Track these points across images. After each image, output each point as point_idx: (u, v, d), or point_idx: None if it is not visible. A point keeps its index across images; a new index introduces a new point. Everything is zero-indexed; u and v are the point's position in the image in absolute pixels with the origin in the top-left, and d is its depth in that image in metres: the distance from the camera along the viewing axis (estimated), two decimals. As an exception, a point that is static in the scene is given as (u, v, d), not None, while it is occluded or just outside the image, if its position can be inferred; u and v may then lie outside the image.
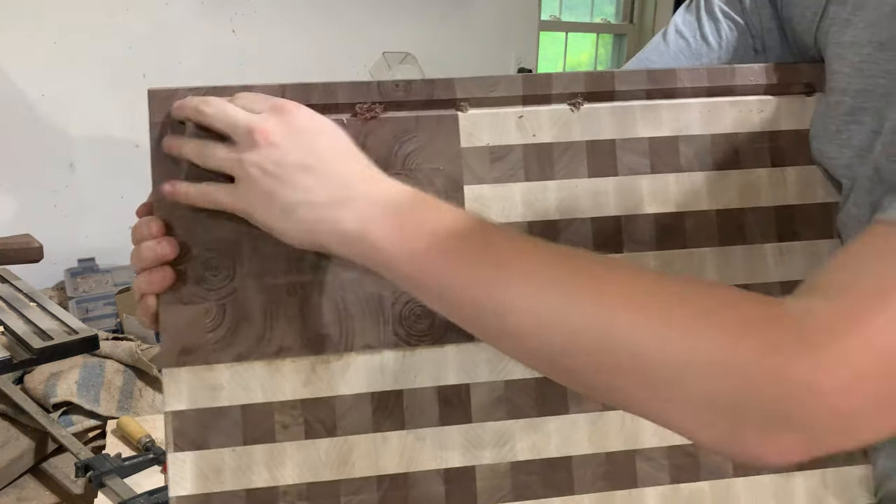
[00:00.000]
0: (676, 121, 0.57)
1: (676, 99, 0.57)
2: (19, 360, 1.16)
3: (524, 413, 0.55)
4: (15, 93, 1.64)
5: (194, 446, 0.52)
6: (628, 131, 0.57)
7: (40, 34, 1.66)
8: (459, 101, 0.55)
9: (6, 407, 1.27)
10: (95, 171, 1.76)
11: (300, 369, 0.53)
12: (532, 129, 0.56)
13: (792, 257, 0.57)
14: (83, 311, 1.57)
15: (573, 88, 0.56)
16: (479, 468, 0.54)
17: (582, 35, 3.12)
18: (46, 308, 1.29)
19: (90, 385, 1.31)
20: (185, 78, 1.81)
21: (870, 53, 0.50)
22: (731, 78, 0.57)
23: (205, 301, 0.52)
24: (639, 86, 0.57)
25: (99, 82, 1.74)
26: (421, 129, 0.55)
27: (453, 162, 0.55)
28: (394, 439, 0.54)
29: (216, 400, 0.52)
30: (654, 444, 0.56)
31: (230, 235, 0.53)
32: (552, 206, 0.56)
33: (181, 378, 0.52)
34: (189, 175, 0.52)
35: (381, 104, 0.54)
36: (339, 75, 2.32)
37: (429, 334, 0.54)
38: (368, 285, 0.54)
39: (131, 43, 1.78)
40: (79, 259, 1.70)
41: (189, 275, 0.52)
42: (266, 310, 0.53)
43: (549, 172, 0.56)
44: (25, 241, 1.27)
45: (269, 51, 1.99)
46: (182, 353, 0.52)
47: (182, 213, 0.52)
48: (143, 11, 1.78)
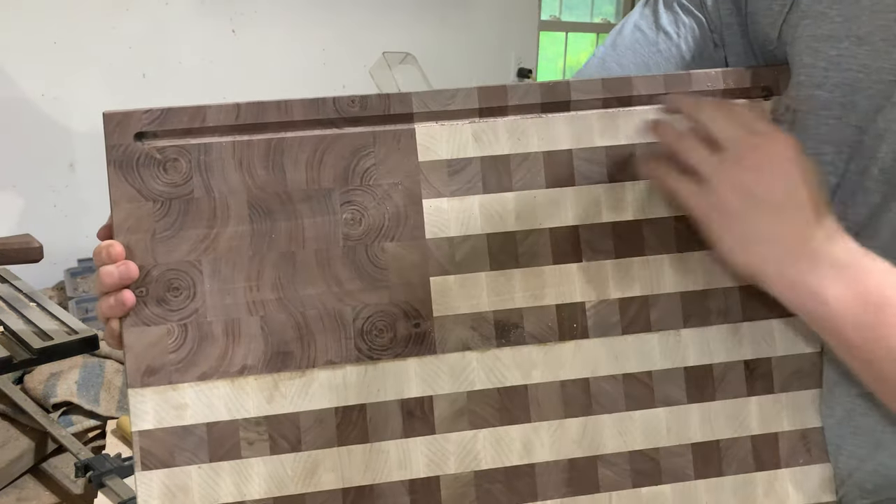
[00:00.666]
0: (633, 129, 0.57)
1: (633, 107, 0.57)
2: (19, 360, 1.17)
3: (487, 423, 0.56)
4: (15, 92, 1.65)
5: (162, 465, 0.53)
6: (585, 141, 0.57)
7: (40, 34, 1.66)
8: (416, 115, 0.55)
9: (6, 407, 1.29)
10: (95, 171, 1.75)
11: (263, 387, 0.54)
12: (489, 141, 0.56)
13: (752, 261, 0.57)
14: (83, 311, 1.59)
15: (529, 100, 0.56)
16: (444, 478, 0.55)
17: (582, 35, 3.12)
18: (46, 308, 1.31)
19: (90, 385, 1.33)
20: (186, 78, 1.82)
21: (847, 48, 0.50)
22: (687, 84, 0.57)
23: (166, 322, 0.53)
24: (594, 95, 0.57)
25: (99, 82, 1.75)
26: (378, 145, 0.55)
27: (411, 176, 0.55)
28: (358, 452, 0.55)
29: (182, 419, 0.53)
30: (614, 450, 0.56)
31: (190, 256, 0.54)
32: (511, 218, 0.56)
33: (147, 398, 0.53)
34: (147, 195, 0.53)
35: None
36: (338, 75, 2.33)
37: (390, 348, 0.55)
38: (329, 301, 0.54)
39: (131, 43, 1.79)
40: (79, 259, 1.72)
41: (150, 296, 0.53)
42: (227, 329, 0.54)
43: (506, 184, 0.56)
44: (25, 241, 1.28)
45: (269, 51, 1.99)
46: (146, 373, 0.53)
47: (141, 237, 0.53)
48: (142, 11, 1.79)
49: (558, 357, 0.56)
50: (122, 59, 1.77)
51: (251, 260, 0.54)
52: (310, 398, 0.54)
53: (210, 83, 1.90)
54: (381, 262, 0.55)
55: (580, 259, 0.56)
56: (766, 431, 0.57)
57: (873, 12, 0.50)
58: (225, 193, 0.54)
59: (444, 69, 2.13)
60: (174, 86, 1.84)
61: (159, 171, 0.54)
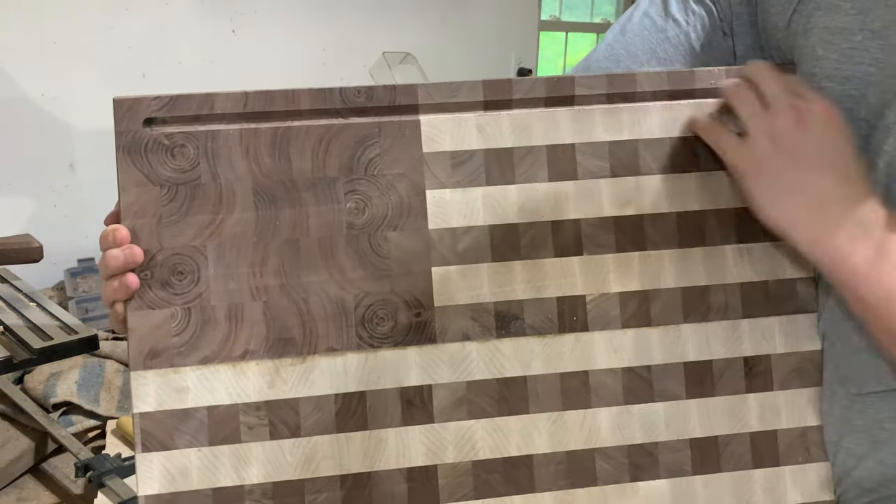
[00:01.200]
0: (636, 124, 0.58)
1: (637, 102, 0.58)
2: (19, 360, 1.18)
3: (486, 413, 0.56)
4: (15, 92, 1.66)
5: (162, 447, 0.53)
6: (588, 135, 0.57)
7: (40, 34, 1.68)
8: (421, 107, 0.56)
9: (6, 407, 1.29)
10: (95, 171, 1.78)
11: (265, 372, 0.54)
12: (493, 134, 0.57)
13: (752, 258, 0.58)
14: (83, 311, 1.60)
15: (534, 94, 0.57)
16: (442, 467, 0.55)
17: (582, 35, 3.13)
18: (46, 308, 1.31)
19: (90, 385, 1.33)
20: (185, 78, 1.83)
21: (861, 41, 0.51)
22: (690, 81, 0.58)
23: (170, 305, 0.54)
24: (599, 90, 0.57)
25: (99, 82, 1.76)
26: (383, 135, 0.56)
27: (415, 167, 0.56)
28: (357, 440, 0.55)
29: (183, 402, 0.54)
30: (613, 444, 0.56)
31: (195, 241, 0.54)
32: (513, 210, 0.56)
33: (148, 380, 0.53)
34: (155, 180, 0.54)
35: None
36: (338, 75, 2.33)
37: (391, 336, 0.55)
38: (331, 289, 0.55)
39: (131, 43, 1.80)
40: (79, 259, 1.73)
41: (155, 280, 0.54)
42: (230, 314, 0.54)
43: (509, 177, 0.57)
44: (25, 241, 1.29)
45: (269, 51, 2.00)
46: (149, 356, 0.54)
47: (148, 221, 0.54)
48: (142, 11, 1.80)
49: (558, 349, 0.56)
50: (121, 59, 1.78)
51: (255, 246, 0.55)
52: (310, 384, 0.55)
53: (210, 83, 1.90)
54: (384, 252, 0.55)
55: (581, 252, 0.57)
56: (765, 429, 0.57)
57: (888, 6, 0.50)
58: (231, 180, 0.55)
59: (444, 69, 2.16)
60: (174, 86, 1.85)
61: (167, 156, 0.54)
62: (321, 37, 2.10)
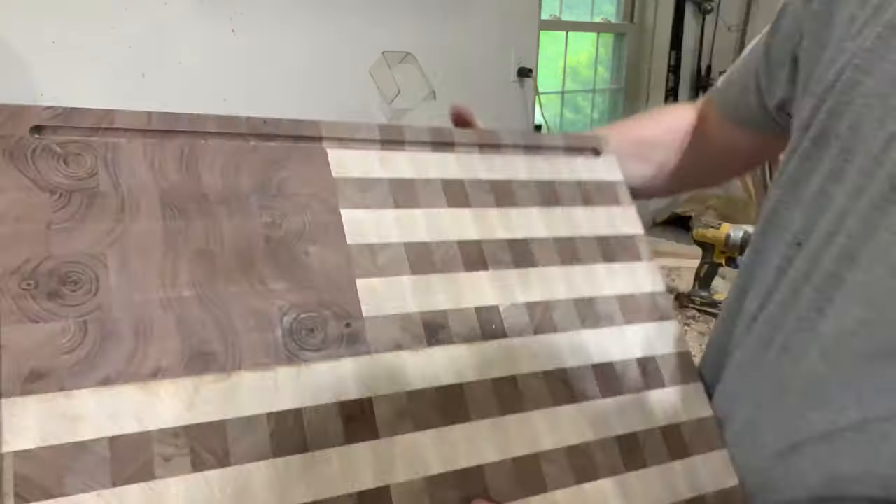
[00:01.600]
0: (508, 168, 0.66)
1: (504, 153, 0.67)
2: None
3: (430, 423, 0.52)
4: (15, 92, 1.53)
5: (45, 495, 0.40)
6: (473, 174, 0.64)
7: (40, 34, 1.56)
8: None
9: None
10: (93, 171, 1.50)
11: (181, 391, 0.46)
12: (394, 167, 0.60)
13: (618, 274, 0.66)
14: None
15: (421, 138, 0.63)
16: (394, 487, 0.49)
17: (582, 34, 3.09)
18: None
19: None
20: (185, 78, 1.75)
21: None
22: (539, 140, 0.69)
23: (60, 318, 0.44)
24: (473, 140, 0.65)
25: (98, 82, 1.65)
26: (293, 160, 0.57)
27: (327, 188, 0.57)
28: (297, 464, 0.47)
29: (76, 433, 0.42)
30: (551, 446, 0.55)
31: (92, 249, 0.47)
32: (423, 230, 0.59)
33: (28, 409, 0.41)
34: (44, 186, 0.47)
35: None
36: (339, 75, 2.30)
37: (323, 349, 0.51)
38: (253, 301, 0.50)
39: (131, 43, 1.69)
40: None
41: (40, 290, 0.44)
42: (138, 327, 0.46)
43: (413, 203, 0.60)
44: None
45: (269, 51, 1.92)
46: (29, 378, 0.42)
47: (33, 227, 0.46)
48: (142, 11, 1.70)
49: (486, 355, 0.56)
50: (121, 59, 1.67)
51: (165, 255, 0.49)
52: (237, 404, 0.47)
53: (210, 83, 1.80)
54: (306, 264, 0.53)
55: (487, 268, 0.60)
56: (670, 423, 0.61)
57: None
58: (134, 190, 0.50)
59: (445, 69, 2.13)
60: (174, 86, 1.74)
61: (59, 163, 0.48)
62: (321, 37, 2.00)
